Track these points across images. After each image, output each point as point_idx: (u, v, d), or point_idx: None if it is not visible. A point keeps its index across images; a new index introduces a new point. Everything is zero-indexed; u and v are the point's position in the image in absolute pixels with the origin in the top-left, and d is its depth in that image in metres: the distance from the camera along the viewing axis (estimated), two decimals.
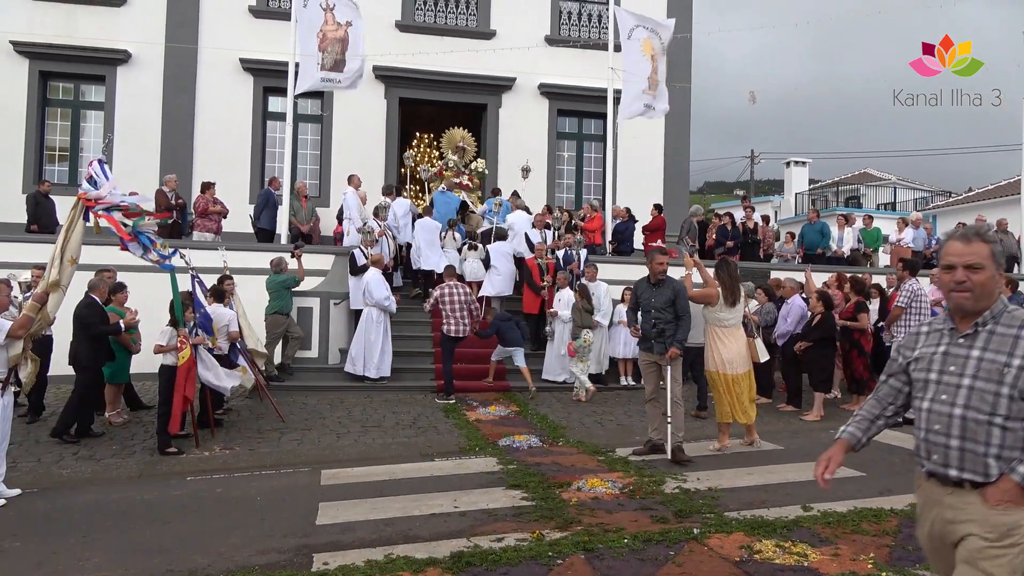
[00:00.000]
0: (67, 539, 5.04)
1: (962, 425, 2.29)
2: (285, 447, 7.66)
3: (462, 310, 9.94)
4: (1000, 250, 2.41)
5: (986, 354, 2.30)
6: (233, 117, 15.36)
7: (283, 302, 10.14)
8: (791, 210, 33.22)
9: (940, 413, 2.35)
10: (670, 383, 6.93)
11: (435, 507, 5.55)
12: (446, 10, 16.62)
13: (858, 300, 9.65)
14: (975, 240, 2.39)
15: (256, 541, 4.91)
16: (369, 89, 15.45)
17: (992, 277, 2.36)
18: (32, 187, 14.04)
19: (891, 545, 4.62)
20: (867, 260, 15.31)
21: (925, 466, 2.41)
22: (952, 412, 2.32)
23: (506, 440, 7.77)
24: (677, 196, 17.10)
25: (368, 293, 10.27)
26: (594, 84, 15.56)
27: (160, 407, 7.39)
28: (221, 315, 8.24)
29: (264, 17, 15.54)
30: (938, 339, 2.46)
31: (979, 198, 27.27)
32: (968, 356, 2.34)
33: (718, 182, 53.97)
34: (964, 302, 2.36)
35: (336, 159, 15.70)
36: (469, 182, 15.29)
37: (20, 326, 5.87)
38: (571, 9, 17.20)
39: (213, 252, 10.55)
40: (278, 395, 9.32)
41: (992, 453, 2.24)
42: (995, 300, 2.37)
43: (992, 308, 2.36)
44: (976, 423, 2.26)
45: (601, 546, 4.57)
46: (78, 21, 14.87)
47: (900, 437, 8.08)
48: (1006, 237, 15.32)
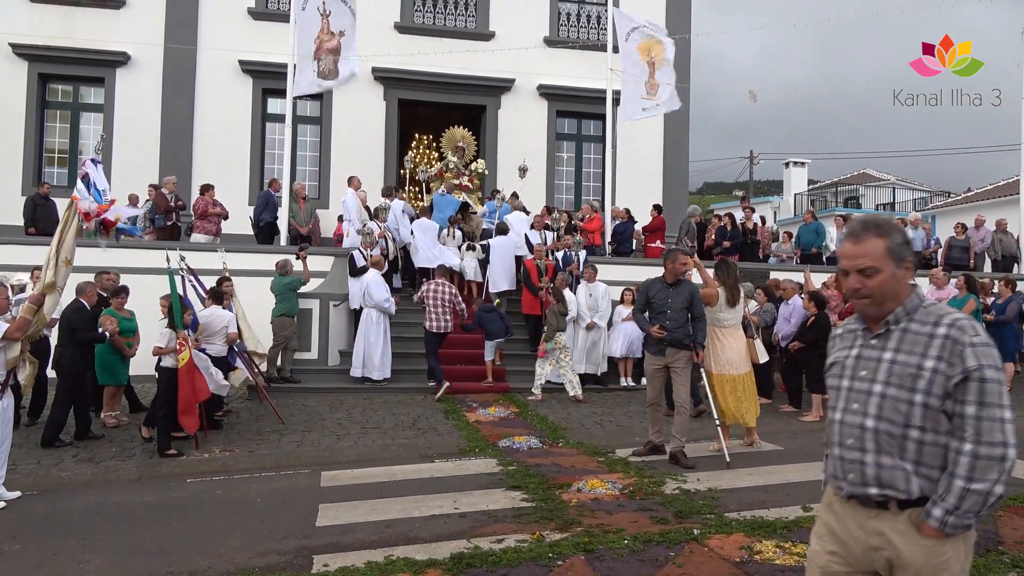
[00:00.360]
0: (67, 541, 5.04)
1: (875, 439, 2.03)
2: (285, 449, 7.65)
3: (445, 308, 10.23)
4: (901, 240, 2.09)
5: (899, 356, 2.05)
6: (232, 119, 15.37)
7: (290, 304, 10.14)
8: (790, 211, 33.24)
9: (852, 425, 2.09)
10: (679, 387, 6.90)
11: (435, 508, 5.54)
12: (445, 11, 16.63)
13: None
14: (866, 237, 2.09)
15: (256, 543, 4.91)
16: (368, 90, 15.47)
17: (891, 277, 2.08)
18: (31, 189, 14.05)
19: None
20: None
21: (843, 488, 2.12)
22: (864, 424, 2.06)
23: (506, 441, 7.77)
24: (676, 197, 17.11)
25: (368, 294, 10.27)
26: (593, 85, 15.58)
27: (160, 409, 7.38)
28: (220, 317, 8.23)
29: (263, 19, 15.54)
30: (851, 341, 2.21)
31: (978, 198, 27.27)
32: (880, 359, 2.09)
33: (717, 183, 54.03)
34: (866, 309, 2.15)
35: (335, 160, 15.70)
36: (469, 183, 15.30)
37: (17, 328, 5.86)
38: (570, 10, 17.22)
39: (213, 254, 10.56)
40: (277, 397, 9.32)
41: (911, 469, 2.00)
42: (904, 297, 2.10)
43: (905, 303, 2.10)
44: (890, 436, 2.01)
45: (601, 547, 4.57)
46: (77, 23, 14.88)
47: None
48: (1005, 237, 15.33)
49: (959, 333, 1.98)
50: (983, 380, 1.93)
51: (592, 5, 17.25)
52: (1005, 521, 5.08)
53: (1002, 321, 10.81)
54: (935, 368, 1.97)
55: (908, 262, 2.09)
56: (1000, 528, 4.93)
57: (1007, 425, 1.94)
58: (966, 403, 1.94)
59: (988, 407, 1.92)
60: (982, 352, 1.95)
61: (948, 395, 1.96)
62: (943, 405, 1.96)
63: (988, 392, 1.93)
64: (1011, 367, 11.00)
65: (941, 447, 1.98)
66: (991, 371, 1.94)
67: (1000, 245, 15.21)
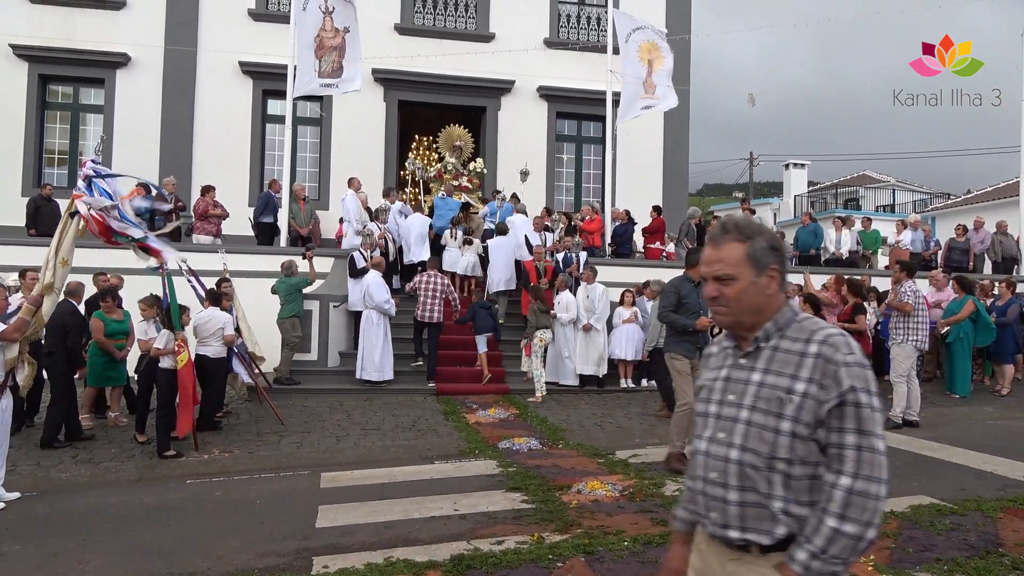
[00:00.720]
0: (67, 542, 5.03)
1: (739, 472, 1.78)
2: (285, 450, 7.65)
3: (436, 298, 10.49)
4: (765, 246, 1.84)
5: (767, 377, 1.80)
6: (232, 120, 15.37)
7: (297, 305, 10.14)
8: (790, 212, 33.25)
9: (717, 457, 1.84)
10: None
11: (435, 510, 5.54)
12: (445, 13, 16.64)
13: (856, 302, 9.65)
14: (725, 240, 1.87)
15: (256, 544, 4.90)
16: (368, 92, 15.47)
17: (750, 287, 1.84)
18: (31, 190, 14.06)
19: (892, 547, 4.61)
20: (866, 262, 15.33)
21: (707, 526, 1.89)
22: (728, 455, 1.81)
23: (506, 443, 7.77)
24: (676, 198, 17.12)
25: (368, 296, 10.27)
26: (593, 87, 15.59)
27: (159, 410, 7.38)
28: (216, 319, 8.18)
29: (263, 20, 15.56)
30: (722, 360, 1.96)
31: (978, 200, 27.29)
32: (748, 381, 1.84)
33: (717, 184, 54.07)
34: (722, 320, 1.91)
35: (336, 162, 15.71)
36: (468, 183, 15.32)
37: (15, 329, 5.86)
38: (570, 12, 17.23)
39: (213, 255, 10.56)
40: (277, 398, 9.31)
41: (777, 507, 1.74)
42: (774, 310, 1.86)
43: (776, 318, 1.85)
44: (755, 469, 1.75)
45: (601, 549, 4.57)
46: (77, 24, 14.89)
47: (899, 439, 8.09)
48: (1005, 239, 15.32)
49: (831, 351, 1.74)
50: (858, 405, 1.70)
51: (592, 7, 17.27)
52: (1005, 523, 5.08)
53: (1003, 323, 10.82)
54: (806, 392, 1.73)
55: (772, 270, 1.84)
56: (1000, 530, 4.93)
57: (883, 459, 1.71)
58: (845, 431, 1.70)
59: (868, 436, 1.70)
60: (856, 373, 1.72)
61: (821, 422, 1.72)
62: (814, 433, 1.72)
63: (866, 419, 1.70)
64: (1011, 369, 11.01)
65: (812, 481, 1.74)
66: (866, 395, 1.71)
67: (1000, 247, 15.20)
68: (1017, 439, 8.19)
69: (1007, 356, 10.96)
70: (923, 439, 8.04)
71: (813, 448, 1.73)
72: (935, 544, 4.66)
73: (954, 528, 4.96)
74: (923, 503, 5.53)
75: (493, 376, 10.68)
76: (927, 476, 6.47)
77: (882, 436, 1.72)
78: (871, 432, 1.70)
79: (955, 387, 10.62)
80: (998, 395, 10.70)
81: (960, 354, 10.57)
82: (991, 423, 9.30)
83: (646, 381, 10.95)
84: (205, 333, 8.03)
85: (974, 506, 5.44)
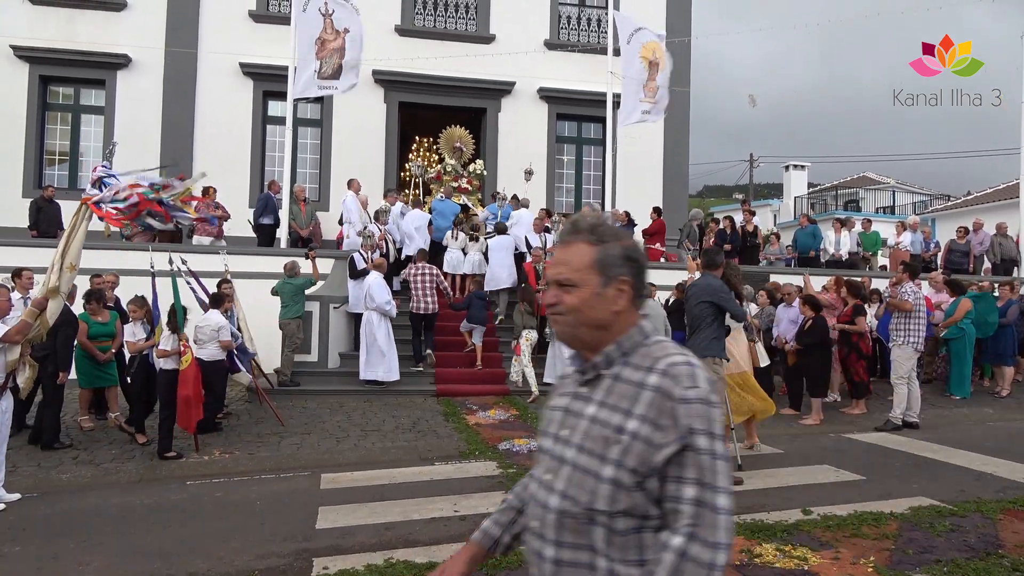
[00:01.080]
0: (67, 543, 5.04)
1: (557, 523, 1.49)
2: (285, 451, 7.65)
3: (429, 289, 10.76)
4: (619, 253, 1.58)
5: (601, 412, 1.51)
6: (233, 121, 15.38)
7: (301, 307, 10.14)
8: (790, 214, 33.27)
9: (538, 502, 1.56)
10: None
11: (435, 511, 5.54)
12: (446, 14, 16.65)
13: (856, 304, 9.66)
14: (574, 241, 1.60)
15: (256, 545, 4.91)
16: (369, 93, 15.48)
17: (593, 298, 1.55)
18: (32, 191, 14.07)
19: (891, 549, 4.62)
20: (866, 264, 15.34)
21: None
22: (548, 502, 1.52)
23: (506, 444, 7.77)
24: (676, 199, 17.13)
25: (370, 297, 10.27)
26: (593, 88, 15.61)
27: (161, 411, 7.38)
28: (212, 322, 8.16)
29: (264, 21, 15.57)
30: (569, 386, 1.65)
31: (978, 201, 27.31)
32: (582, 414, 1.55)
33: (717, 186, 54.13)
34: (560, 333, 1.63)
35: (336, 163, 15.71)
36: (468, 184, 15.32)
37: (17, 331, 5.87)
38: (570, 13, 17.23)
39: (214, 256, 10.57)
40: (277, 399, 9.31)
41: (603, 567, 1.45)
42: (620, 330, 1.57)
43: (621, 340, 1.56)
44: (575, 519, 1.47)
45: None
46: (78, 25, 14.90)
47: (899, 440, 8.10)
48: (1005, 240, 15.33)
49: (671, 384, 1.44)
50: (698, 451, 1.40)
51: (592, 8, 17.27)
52: (1005, 525, 5.08)
53: (1003, 324, 10.83)
54: (636, 432, 1.43)
55: (622, 282, 1.56)
56: (1000, 532, 4.94)
57: (725, 519, 1.40)
58: (683, 482, 1.40)
59: (708, 490, 1.39)
60: (697, 411, 1.41)
61: (653, 470, 1.41)
62: (644, 483, 1.42)
63: (706, 468, 1.40)
64: (1011, 370, 11.02)
65: (641, 537, 1.45)
66: (707, 439, 1.41)
67: (1000, 248, 15.21)
68: (1017, 441, 8.19)
69: (1007, 358, 10.97)
70: (923, 441, 8.05)
71: (641, 499, 1.43)
72: (935, 546, 4.67)
73: (954, 530, 4.96)
74: (923, 504, 5.54)
75: (493, 378, 10.69)
76: (927, 478, 6.47)
77: (727, 490, 1.41)
78: (712, 485, 1.40)
79: (955, 388, 10.63)
80: (998, 397, 10.71)
81: (960, 356, 10.59)
82: (991, 425, 9.31)
83: None
84: (201, 336, 8.02)
85: (974, 508, 5.45)
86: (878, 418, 9.09)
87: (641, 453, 1.42)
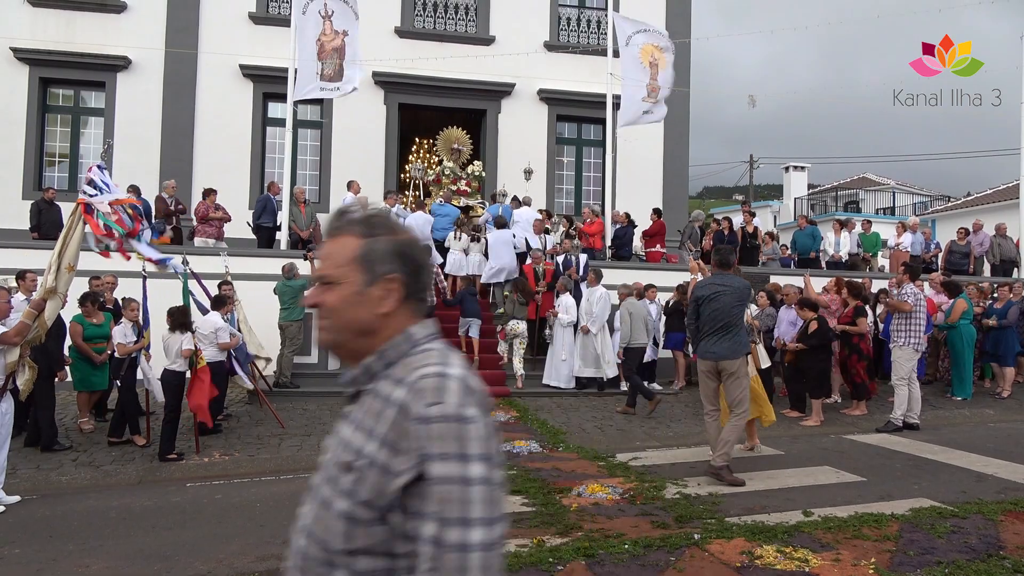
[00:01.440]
0: (67, 545, 5.03)
1: (302, 567, 1.30)
2: (285, 453, 7.65)
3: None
4: (387, 248, 1.35)
5: (352, 434, 1.31)
6: (233, 123, 15.38)
7: (301, 308, 10.14)
8: (790, 215, 33.26)
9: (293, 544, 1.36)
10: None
11: None
12: (446, 16, 16.66)
13: (857, 305, 9.66)
14: (341, 233, 1.38)
15: (256, 548, 4.90)
16: (369, 95, 15.48)
17: (354, 297, 1.34)
18: (32, 193, 14.06)
19: (892, 550, 4.61)
20: (866, 265, 15.34)
21: None
22: (298, 541, 1.34)
23: (506, 446, 7.76)
24: (676, 201, 17.14)
25: None
26: (593, 89, 15.61)
27: (165, 413, 7.38)
28: (210, 324, 8.15)
29: (264, 23, 15.58)
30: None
31: (978, 202, 27.31)
32: (339, 436, 1.36)
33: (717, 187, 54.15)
34: (321, 339, 1.43)
35: (336, 165, 15.71)
36: (467, 187, 15.32)
37: (16, 333, 5.86)
38: (570, 15, 17.25)
39: (214, 258, 10.56)
40: (277, 401, 9.31)
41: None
42: (387, 337, 1.34)
43: (384, 348, 1.34)
44: (317, 563, 1.26)
45: (602, 552, 4.56)
46: (78, 27, 14.90)
47: (900, 442, 8.09)
48: (1004, 241, 15.32)
49: (411, 399, 1.22)
50: (436, 480, 1.16)
51: (592, 10, 17.29)
52: (1006, 526, 5.07)
53: (1003, 325, 10.83)
54: (373, 457, 1.22)
55: (391, 280, 1.34)
56: (1001, 533, 4.93)
57: (479, 557, 1.14)
58: (424, 518, 1.16)
59: (452, 528, 1.14)
60: (439, 432, 1.18)
61: (393, 503, 1.20)
62: (385, 518, 1.21)
63: (449, 501, 1.15)
64: (1011, 371, 11.01)
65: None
66: (450, 465, 1.16)
67: (999, 249, 15.21)
68: (1018, 442, 8.18)
69: (1008, 358, 10.96)
70: (924, 442, 8.04)
71: (384, 535, 1.21)
72: (936, 547, 4.66)
73: (955, 531, 4.95)
74: (924, 506, 5.53)
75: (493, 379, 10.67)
76: (928, 479, 6.47)
77: (485, 522, 1.15)
78: (460, 519, 1.15)
79: (956, 389, 10.63)
80: (999, 398, 10.71)
81: (961, 356, 10.58)
82: (992, 426, 9.30)
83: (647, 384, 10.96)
84: (201, 338, 8.02)
85: (975, 509, 5.44)
86: (879, 419, 9.09)
87: (376, 482, 1.21)
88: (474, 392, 1.24)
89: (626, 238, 14.05)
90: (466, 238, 12.82)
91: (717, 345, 6.40)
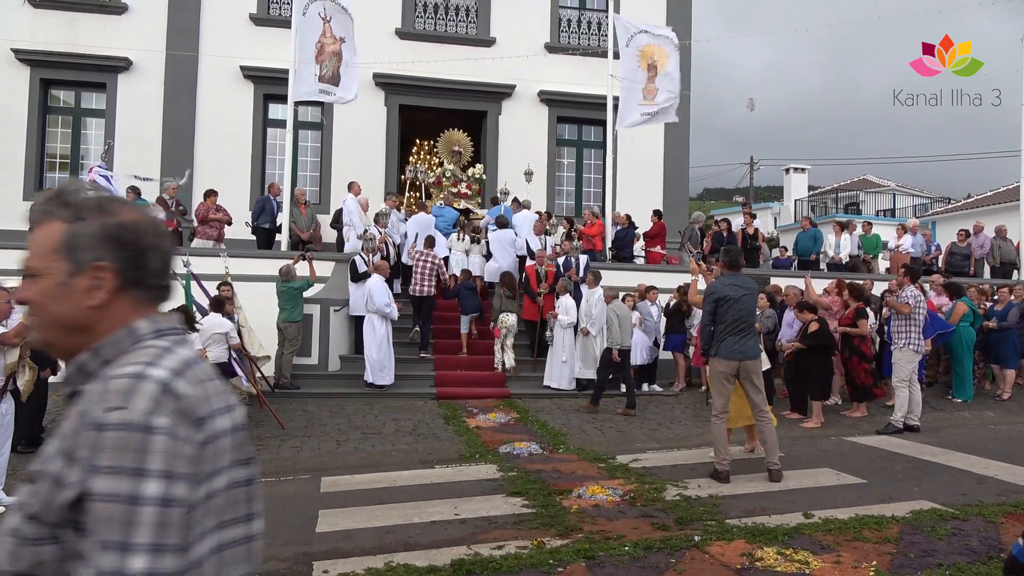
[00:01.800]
0: None
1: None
2: (285, 454, 7.64)
3: (427, 274, 11.23)
4: (95, 232, 1.19)
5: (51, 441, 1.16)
6: (234, 124, 15.40)
7: (299, 310, 10.14)
8: (791, 216, 33.26)
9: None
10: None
11: (435, 514, 5.53)
12: (446, 18, 16.67)
13: (858, 307, 9.65)
14: (46, 219, 1.23)
15: None
16: (369, 96, 15.49)
17: (58, 289, 1.20)
18: (33, 194, 14.07)
19: (893, 552, 4.61)
20: (867, 267, 15.33)
21: None
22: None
23: (506, 447, 7.76)
24: (677, 202, 17.14)
25: (370, 299, 10.27)
26: (594, 91, 15.60)
27: None
28: (215, 325, 8.14)
29: (264, 25, 15.59)
30: None
31: (978, 204, 27.31)
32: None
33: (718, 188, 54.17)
34: (34, 336, 1.31)
35: (336, 166, 15.73)
36: (467, 189, 15.33)
37: (16, 334, 5.86)
38: (571, 16, 17.26)
39: (214, 259, 10.57)
40: (277, 402, 9.30)
41: None
42: (103, 332, 1.20)
43: (100, 346, 1.19)
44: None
45: (602, 554, 4.56)
46: (79, 29, 14.92)
47: (900, 444, 8.09)
48: (1004, 243, 15.32)
49: (93, 403, 1.10)
50: (98, 496, 1.03)
51: (593, 12, 17.30)
52: (1007, 528, 5.07)
53: (1004, 327, 10.82)
54: (49, 468, 1.11)
55: (98, 268, 1.19)
56: (1002, 535, 4.92)
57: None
58: (89, 539, 1.04)
59: (110, 551, 1.01)
60: (113, 441, 1.05)
61: (63, 519, 1.07)
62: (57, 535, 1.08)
63: (109, 520, 1.02)
64: (1012, 373, 11.00)
65: None
66: (114, 480, 1.03)
67: (999, 251, 15.20)
68: (1018, 444, 8.17)
69: (1009, 360, 10.95)
70: (924, 444, 8.03)
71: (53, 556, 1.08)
72: (936, 549, 4.66)
73: (956, 533, 4.95)
74: (924, 508, 5.53)
75: (493, 380, 10.68)
76: (928, 481, 6.46)
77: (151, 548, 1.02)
78: (116, 545, 1.01)
79: (956, 391, 10.62)
80: (999, 400, 10.70)
81: (961, 358, 10.57)
82: (992, 428, 9.29)
83: (647, 386, 10.96)
84: (205, 338, 8.03)
85: (976, 511, 5.43)
86: (879, 421, 9.08)
87: (46, 496, 1.08)
88: (177, 399, 1.10)
89: (627, 239, 14.06)
90: (467, 239, 12.86)
91: (743, 344, 6.43)
